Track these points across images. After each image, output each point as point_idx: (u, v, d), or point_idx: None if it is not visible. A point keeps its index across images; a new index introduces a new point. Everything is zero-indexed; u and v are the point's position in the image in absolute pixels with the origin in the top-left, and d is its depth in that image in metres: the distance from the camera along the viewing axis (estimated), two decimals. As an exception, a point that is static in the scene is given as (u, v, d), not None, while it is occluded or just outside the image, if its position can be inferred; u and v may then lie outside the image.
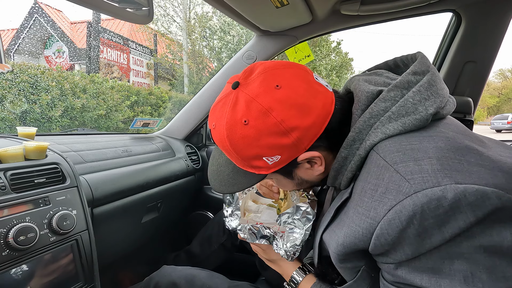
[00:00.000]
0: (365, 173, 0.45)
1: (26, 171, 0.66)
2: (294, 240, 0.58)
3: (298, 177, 0.54)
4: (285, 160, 0.48)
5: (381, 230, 0.39)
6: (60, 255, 0.68)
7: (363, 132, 0.46)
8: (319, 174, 0.52)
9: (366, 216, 0.41)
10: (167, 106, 6.37)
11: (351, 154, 0.47)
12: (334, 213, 0.50)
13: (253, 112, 0.45)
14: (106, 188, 0.88)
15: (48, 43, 8.17)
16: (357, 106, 0.48)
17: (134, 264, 1.27)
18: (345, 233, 0.45)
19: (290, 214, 0.60)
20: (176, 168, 1.25)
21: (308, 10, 1.02)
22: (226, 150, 0.50)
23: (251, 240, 0.63)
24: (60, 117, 4.04)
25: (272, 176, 0.55)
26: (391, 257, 0.41)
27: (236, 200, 0.70)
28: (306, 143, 0.47)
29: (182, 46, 8.85)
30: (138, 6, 0.69)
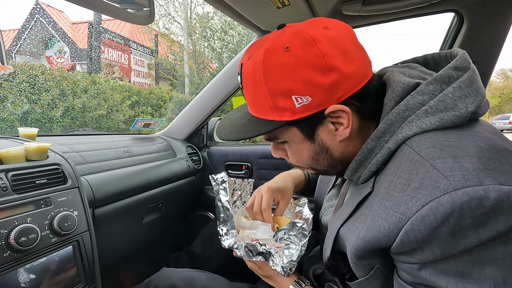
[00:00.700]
0: (394, 167, 0.43)
1: (27, 172, 0.66)
2: (290, 256, 0.58)
3: (319, 141, 0.49)
4: (314, 107, 0.45)
5: (411, 226, 0.37)
6: (62, 256, 0.68)
7: (395, 125, 0.44)
8: (341, 141, 0.49)
9: (395, 210, 0.39)
10: (168, 107, 6.38)
11: (379, 146, 0.45)
12: (355, 207, 0.48)
13: (298, 40, 0.43)
14: (107, 188, 0.88)
15: (50, 44, 8.20)
16: (390, 97, 0.46)
17: (135, 264, 1.27)
18: (368, 227, 0.43)
19: (287, 230, 0.60)
20: (177, 168, 1.25)
21: (309, 10, 1.02)
22: (255, 82, 0.46)
23: (247, 258, 0.63)
24: (61, 117, 4.05)
25: (290, 136, 0.51)
26: (415, 257, 0.39)
27: (231, 218, 0.69)
28: (341, 93, 0.44)
29: (183, 47, 8.85)
30: (139, 7, 0.69)
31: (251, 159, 1.43)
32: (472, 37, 1.06)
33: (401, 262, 0.42)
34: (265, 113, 0.48)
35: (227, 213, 0.69)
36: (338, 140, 0.49)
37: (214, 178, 0.74)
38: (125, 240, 1.08)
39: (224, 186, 0.72)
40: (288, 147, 0.53)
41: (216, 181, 0.74)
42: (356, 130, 0.49)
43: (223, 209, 0.69)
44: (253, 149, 1.43)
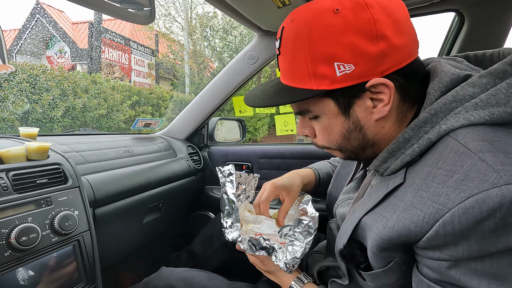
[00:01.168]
0: (434, 158, 0.41)
1: (28, 171, 0.66)
2: (294, 252, 0.58)
3: (354, 117, 0.46)
4: (356, 77, 0.42)
5: (451, 217, 0.35)
6: (62, 256, 0.68)
7: (439, 116, 0.42)
8: (378, 120, 0.46)
9: (433, 201, 0.37)
10: (168, 106, 6.38)
11: (417, 136, 0.43)
12: (382, 197, 0.46)
13: (348, 2, 0.41)
14: (108, 188, 0.88)
15: (50, 43, 8.20)
16: (436, 87, 0.44)
17: (135, 264, 1.27)
18: (398, 217, 0.41)
19: (292, 227, 0.59)
20: (178, 168, 1.25)
21: (310, 10, 1.02)
22: (297, 45, 0.44)
23: (251, 252, 0.63)
24: (62, 117, 4.05)
25: (324, 109, 0.47)
26: (446, 253, 0.37)
27: (236, 211, 0.68)
28: (387, 65, 0.42)
29: (184, 46, 8.86)
30: (140, 7, 0.69)
31: (251, 159, 1.43)
32: (473, 37, 1.06)
33: (427, 258, 0.39)
34: (301, 81, 0.46)
35: (232, 205, 0.67)
36: (375, 118, 0.46)
37: (221, 170, 0.74)
38: (126, 239, 1.08)
39: (231, 179, 0.72)
40: (318, 123, 0.50)
41: (223, 173, 0.73)
42: (394, 112, 0.47)
43: (228, 201, 0.68)
44: (254, 149, 1.43)
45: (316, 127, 0.51)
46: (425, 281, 0.40)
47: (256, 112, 1.42)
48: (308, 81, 0.45)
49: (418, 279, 0.42)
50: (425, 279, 0.40)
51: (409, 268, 0.44)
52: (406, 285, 0.45)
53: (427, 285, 0.40)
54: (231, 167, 0.74)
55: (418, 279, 0.42)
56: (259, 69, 1.28)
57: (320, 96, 0.46)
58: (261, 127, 8.07)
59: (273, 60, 1.30)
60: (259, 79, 8.26)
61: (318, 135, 0.52)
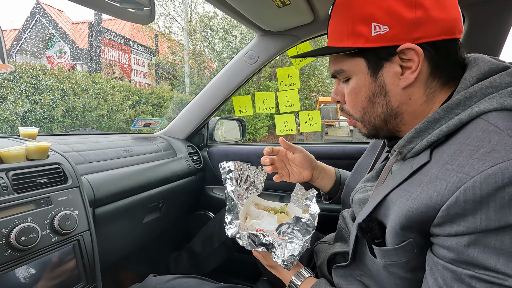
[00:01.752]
0: (463, 138, 0.42)
1: (28, 171, 0.66)
2: (292, 250, 0.58)
3: (381, 81, 0.49)
4: (389, 39, 0.46)
5: (473, 183, 0.35)
6: (62, 255, 0.68)
7: (473, 99, 0.43)
8: (404, 88, 0.48)
9: (457, 171, 0.38)
10: (168, 106, 6.38)
11: (447, 117, 0.45)
12: (408, 175, 0.46)
13: None
14: (108, 188, 0.88)
15: (50, 43, 8.21)
16: (473, 73, 0.45)
17: (135, 264, 1.27)
18: (422, 188, 0.41)
19: (290, 225, 0.60)
20: (178, 168, 1.25)
21: (310, 9, 1.02)
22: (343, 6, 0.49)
23: (250, 248, 0.64)
24: (62, 117, 4.05)
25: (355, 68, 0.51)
26: (464, 225, 0.36)
27: (234, 208, 0.70)
28: (420, 34, 0.44)
29: (184, 46, 8.86)
30: (140, 6, 0.69)
31: (251, 159, 1.43)
32: (473, 37, 1.06)
33: (444, 236, 0.39)
34: (340, 40, 0.50)
35: (231, 202, 0.70)
36: (402, 85, 0.48)
37: (222, 166, 0.75)
38: (126, 239, 1.08)
39: (231, 176, 0.73)
40: (348, 86, 0.53)
41: (223, 169, 0.74)
42: (422, 85, 0.48)
43: (228, 198, 0.70)
44: (254, 149, 1.44)
45: (346, 90, 0.54)
46: (440, 263, 0.40)
47: (256, 112, 1.42)
48: (346, 40, 0.49)
49: (433, 262, 0.41)
50: (440, 260, 0.40)
51: (421, 251, 0.44)
52: (415, 269, 0.45)
53: (442, 266, 0.40)
54: (231, 164, 0.75)
55: (433, 261, 0.41)
56: (259, 69, 1.28)
57: (353, 56, 0.50)
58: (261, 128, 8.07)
59: (273, 60, 1.30)
60: (259, 79, 8.26)
61: (346, 98, 0.55)
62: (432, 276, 0.41)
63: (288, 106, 1.34)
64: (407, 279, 0.46)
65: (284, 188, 1.35)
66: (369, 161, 0.74)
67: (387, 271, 0.47)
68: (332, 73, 0.56)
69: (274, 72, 8.23)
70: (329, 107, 10.96)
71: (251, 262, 1.02)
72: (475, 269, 0.36)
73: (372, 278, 0.53)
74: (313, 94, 11.51)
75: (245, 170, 0.80)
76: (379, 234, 0.48)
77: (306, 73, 10.18)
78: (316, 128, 1.33)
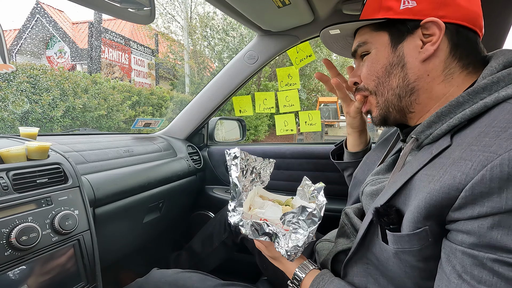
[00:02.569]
0: (488, 121, 0.41)
1: (28, 171, 0.66)
2: (296, 240, 0.56)
3: (400, 52, 0.52)
4: (415, 12, 0.50)
5: (501, 161, 0.35)
6: (62, 255, 0.68)
7: (500, 84, 0.44)
8: (423, 62, 0.50)
9: (483, 151, 0.37)
10: (168, 106, 6.38)
11: (470, 101, 0.45)
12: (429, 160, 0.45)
13: None
14: (108, 188, 0.88)
15: (50, 43, 8.21)
16: (499, 61, 0.46)
17: (135, 264, 1.27)
18: (446, 170, 0.40)
19: (295, 214, 0.57)
20: (178, 168, 1.25)
21: (309, 9, 1.02)
22: None
23: (253, 236, 0.61)
24: (62, 117, 4.05)
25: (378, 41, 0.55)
26: (488, 205, 0.35)
27: (239, 195, 0.67)
28: (445, 12, 0.48)
29: (184, 46, 8.86)
30: (140, 6, 0.69)
31: (251, 159, 1.43)
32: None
33: (465, 220, 0.38)
34: (372, 13, 0.55)
35: (235, 189, 0.68)
36: (421, 58, 0.50)
37: (228, 152, 0.74)
38: (126, 239, 1.08)
39: (236, 162, 0.72)
40: (368, 59, 0.57)
41: (229, 155, 0.73)
42: (442, 63, 0.50)
43: (233, 185, 0.68)
44: (254, 149, 1.44)
45: (366, 64, 0.57)
46: (459, 249, 0.39)
47: (256, 112, 1.42)
48: (377, 13, 0.54)
49: (450, 249, 0.40)
50: (459, 246, 0.39)
51: (435, 241, 0.43)
52: (428, 258, 0.44)
53: (461, 252, 0.38)
54: (237, 150, 0.74)
55: (450, 249, 0.40)
56: (259, 69, 1.28)
57: (378, 29, 0.55)
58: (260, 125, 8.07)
59: (273, 60, 1.30)
60: (259, 79, 8.26)
61: (364, 70, 0.58)
62: (449, 264, 0.40)
63: (288, 106, 1.34)
64: (418, 268, 0.45)
65: (289, 188, 1.35)
66: (378, 154, 0.73)
67: (398, 258, 0.46)
68: (353, 49, 0.59)
69: (274, 72, 8.23)
70: (329, 107, 10.97)
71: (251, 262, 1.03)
72: (497, 252, 0.35)
73: (378, 269, 0.52)
74: (313, 94, 11.51)
75: (251, 161, 0.79)
76: (396, 220, 0.46)
77: (306, 73, 10.18)
78: (316, 128, 1.33)
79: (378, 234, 0.50)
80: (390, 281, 0.51)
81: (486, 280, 0.36)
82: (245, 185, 0.76)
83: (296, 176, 1.35)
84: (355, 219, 0.65)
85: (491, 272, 0.35)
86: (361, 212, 0.68)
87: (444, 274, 0.40)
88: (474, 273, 0.37)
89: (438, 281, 0.42)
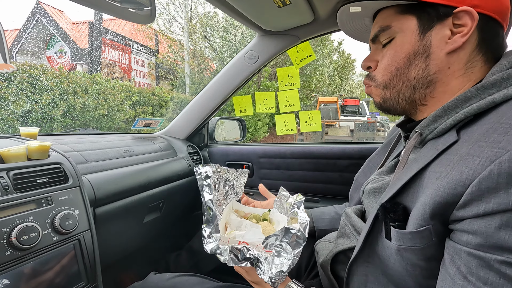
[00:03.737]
0: (495, 117, 0.41)
1: (28, 171, 0.67)
2: (281, 265, 0.52)
3: (427, 40, 0.48)
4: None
5: (509, 156, 0.34)
6: (63, 255, 0.68)
7: (510, 81, 0.43)
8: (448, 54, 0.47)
9: (492, 147, 0.36)
10: (168, 106, 6.38)
11: (478, 97, 0.44)
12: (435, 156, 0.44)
13: None
14: (108, 188, 0.88)
15: (50, 43, 8.21)
16: (510, 59, 0.46)
17: (136, 263, 1.27)
18: (452, 166, 0.40)
19: (278, 237, 0.53)
20: (178, 168, 1.25)
21: (310, 9, 1.02)
22: None
23: (233, 264, 0.56)
24: (62, 117, 4.06)
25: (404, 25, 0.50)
26: (495, 201, 0.35)
27: (214, 219, 0.61)
28: (478, 1, 0.45)
29: (184, 46, 8.86)
30: (140, 6, 0.70)
31: (251, 159, 1.43)
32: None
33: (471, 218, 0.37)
34: None
35: (210, 213, 0.61)
36: (447, 49, 0.47)
37: (198, 171, 0.67)
38: (126, 239, 1.08)
39: (208, 182, 0.65)
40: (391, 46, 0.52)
41: (200, 175, 0.66)
42: (466, 55, 0.48)
43: (207, 207, 0.62)
44: (254, 149, 1.44)
45: (385, 51, 0.53)
46: (464, 250, 0.38)
47: (256, 112, 1.42)
48: None
49: (454, 250, 0.39)
50: (464, 247, 0.38)
51: (438, 241, 0.42)
52: (430, 258, 0.43)
53: (466, 253, 0.37)
54: (208, 169, 0.67)
55: (455, 249, 0.39)
56: (259, 68, 1.28)
57: (405, 12, 0.50)
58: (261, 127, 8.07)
59: (273, 60, 1.30)
60: (259, 79, 8.26)
61: (383, 59, 0.53)
62: (453, 265, 0.39)
63: (288, 106, 1.34)
64: (419, 266, 0.44)
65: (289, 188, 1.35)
66: (381, 157, 0.73)
67: (400, 255, 0.46)
68: (374, 34, 0.54)
69: (274, 72, 8.23)
70: (329, 107, 10.97)
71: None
72: (505, 254, 0.34)
73: (379, 267, 0.51)
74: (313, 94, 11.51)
75: (223, 173, 0.74)
76: (402, 217, 0.46)
77: (306, 73, 10.18)
78: (316, 128, 1.33)
79: (381, 231, 0.50)
80: (390, 280, 0.50)
81: (493, 282, 0.35)
82: (218, 199, 0.71)
83: (296, 176, 1.35)
84: (355, 219, 0.64)
85: (498, 273, 0.35)
86: (361, 213, 0.68)
87: (448, 274, 0.40)
88: (480, 275, 0.36)
89: (441, 281, 0.41)
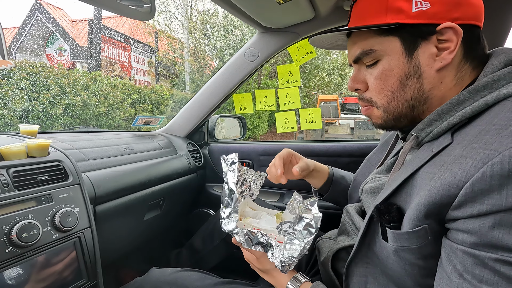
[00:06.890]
0: (488, 119, 0.41)
1: (28, 168, 0.66)
2: (292, 251, 0.54)
3: (416, 61, 0.47)
4: (429, 16, 0.45)
5: (501, 158, 0.34)
6: (63, 252, 0.68)
7: (501, 82, 0.43)
8: (439, 70, 0.47)
9: (484, 148, 0.37)
10: (168, 104, 6.37)
11: (471, 99, 0.44)
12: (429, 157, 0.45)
13: None
14: (109, 185, 0.88)
15: (50, 41, 8.19)
16: (500, 59, 0.46)
17: (136, 261, 1.27)
18: (446, 168, 0.40)
19: (292, 224, 0.56)
20: (178, 165, 1.25)
21: (310, 6, 1.01)
22: None
23: (246, 246, 0.59)
24: (62, 115, 4.05)
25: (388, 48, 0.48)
26: (489, 202, 0.35)
27: (235, 202, 0.64)
28: (459, 14, 0.45)
29: (184, 44, 8.84)
30: (140, 3, 0.69)
31: (252, 156, 1.43)
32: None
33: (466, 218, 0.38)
34: (375, 16, 0.48)
35: (231, 195, 0.64)
36: (436, 67, 0.47)
37: (225, 158, 0.71)
38: (126, 236, 1.09)
39: (233, 168, 0.69)
40: (376, 69, 0.50)
41: (226, 162, 0.70)
42: (454, 69, 0.47)
43: (228, 191, 0.65)
44: (254, 146, 1.43)
45: (373, 74, 0.51)
46: (459, 248, 0.38)
47: (256, 109, 1.42)
48: (383, 16, 0.47)
49: (451, 248, 0.40)
50: (459, 246, 0.38)
51: (435, 239, 0.42)
52: (427, 256, 0.44)
53: (462, 251, 0.38)
54: (234, 156, 0.71)
55: (451, 248, 0.40)
56: (259, 66, 1.27)
57: (386, 34, 0.48)
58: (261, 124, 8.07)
59: (274, 58, 1.30)
60: (259, 77, 8.25)
61: (373, 82, 0.52)
62: (449, 263, 0.40)
63: (289, 104, 1.34)
64: (417, 265, 0.45)
65: (289, 187, 1.35)
66: (379, 156, 0.73)
67: (398, 256, 0.46)
68: (356, 57, 0.52)
69: (274, 69, 8.22)
70: (329, 105, 10.96)
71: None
72: (498, 252, 0.35)
73: (378, 267, 0.52)
74: (313, 92, 11.50)
75: (243, 173, 0.76)
76: (397, 218, 0.46)
77: (306, 71, 10.16)
78: (317, 126, 1.33)
79: (378, 232, 0.50)
80: (390, 279, 0.51)
81: (488, 280, 0.36)
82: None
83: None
84: (356, 216, 0.65)
85: (493, 271, 0.35)
86: (362, 210, 0.68)
87: (445, 273, 0.40)
88: (475, 273, 0.37)
89: (438, 279, 0.42)
